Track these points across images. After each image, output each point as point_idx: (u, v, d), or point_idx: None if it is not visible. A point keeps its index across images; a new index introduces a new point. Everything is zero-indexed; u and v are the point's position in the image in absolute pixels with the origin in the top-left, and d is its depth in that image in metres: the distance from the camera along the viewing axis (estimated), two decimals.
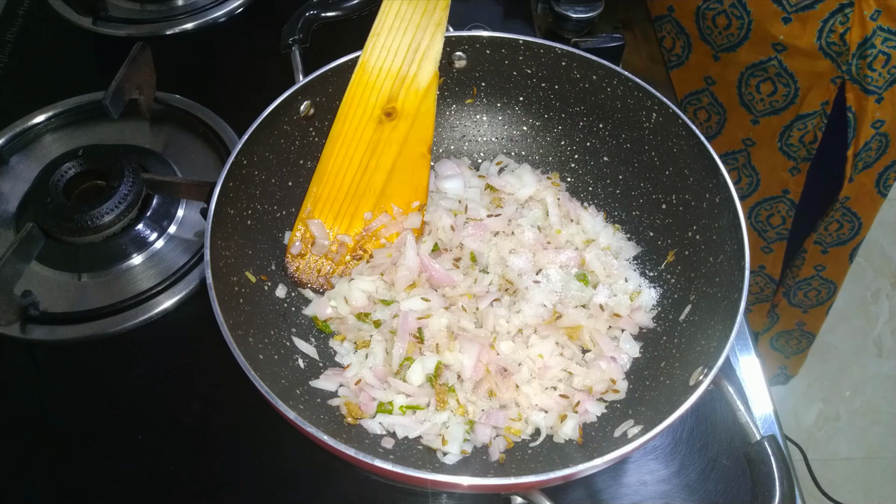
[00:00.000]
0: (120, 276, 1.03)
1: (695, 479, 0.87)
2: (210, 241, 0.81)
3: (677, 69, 1.47)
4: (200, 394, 0.95)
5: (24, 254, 0.95)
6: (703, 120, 1.50)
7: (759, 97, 1.36)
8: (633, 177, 1.01)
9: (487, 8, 1.36)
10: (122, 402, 0.95)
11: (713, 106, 1.46)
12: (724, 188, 0.86)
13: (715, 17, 1.32)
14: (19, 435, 0.93)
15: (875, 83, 1.24)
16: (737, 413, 0.71)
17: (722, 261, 0.86)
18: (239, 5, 1.33)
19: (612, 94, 0.97)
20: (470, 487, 0.72)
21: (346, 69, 0.97)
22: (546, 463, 0.81)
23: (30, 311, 0.97)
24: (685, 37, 1.41)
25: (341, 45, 0.97)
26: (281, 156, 0.96)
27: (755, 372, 0.97)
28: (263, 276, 0.92)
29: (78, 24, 1.30)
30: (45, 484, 0.89)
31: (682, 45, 1.43)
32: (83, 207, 1.02)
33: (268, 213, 0.96)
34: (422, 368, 0.86)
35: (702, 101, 1.47)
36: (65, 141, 1.17)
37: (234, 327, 0.77)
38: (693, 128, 0.89)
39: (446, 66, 1.02)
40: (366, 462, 0.68)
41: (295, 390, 0.84)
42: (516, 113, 1.07)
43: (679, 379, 0.81)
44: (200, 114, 1.17)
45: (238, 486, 0.88)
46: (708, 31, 1.36)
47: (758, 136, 1.43)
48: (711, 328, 0.83)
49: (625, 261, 0.99)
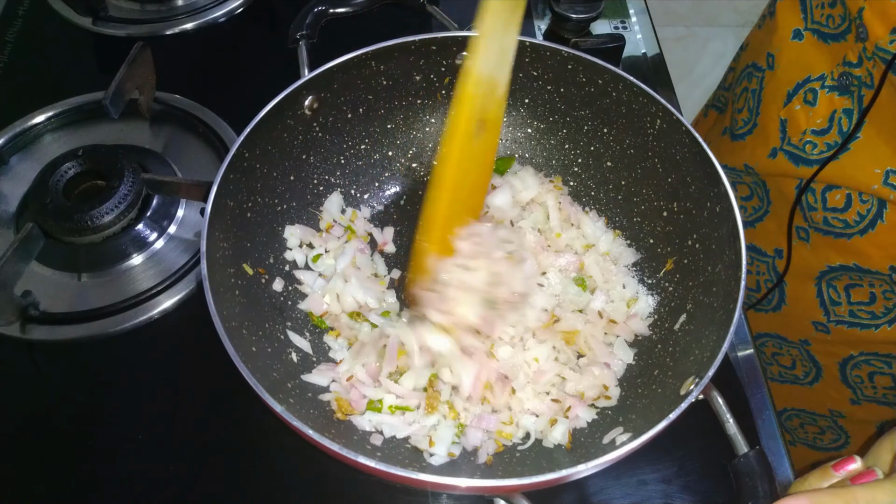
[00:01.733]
0: (120, 276, 1.03)
1: (695, 479, 0.87)
2: (207, 231, 0.81)
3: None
4: (201, 393, 0.95)
5: (24, 254, 0.95)
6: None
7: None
8: (636, 183, 1.00)
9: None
10: (122, 402, 0.96)
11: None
12: (724, 198, 0.85)
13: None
14: (19, 435, 0.93)
15: None
16: (725, 425, 0.70)
17: (720, 270, 0.86)
18: (239, 5, 1.34)
19: (617, 98, 0.96)
20: (466, 489, 0.72)
21: (352, 66, 0.97)
22: (533, 467, 0.81)
23: (30, 311, 0.97)
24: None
25: (348, 42, 0.97)
26: (284, 150, 0.96)
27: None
28: (261, 268, 0.93)
29: (78, 24, 1.31)
30: (44, 484, 0.89)
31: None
32: (83, 207, 1.02)
33: (268, 207, 0.96)
34: (414, 379, 0.86)
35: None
36: (65, 141, 1.17)
37: (228, 318, 0.78)
38: (696, 135, 0.88)
39: (452, 66, 1.02)
40: (350, 458, 0.68)
41: (286, 384, 0.84)
42: (521, 115, 1.06)
43: (670, 387, 0.81)
44: (200, 114, 1.17)
45: (239, 486, 0.89)
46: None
47: None
48: (706, 338, 0.82)
49: (623, 267, 0.98)
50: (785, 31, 1.11)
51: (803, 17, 1.09)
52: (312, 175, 1.01)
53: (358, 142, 1.04)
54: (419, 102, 1.05)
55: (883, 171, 0.98)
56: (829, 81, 1.04)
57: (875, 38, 0.93)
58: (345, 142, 1.03)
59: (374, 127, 1.04)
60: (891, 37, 0.91)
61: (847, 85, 1.00)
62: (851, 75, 0.99)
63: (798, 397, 1.33)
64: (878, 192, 0.99)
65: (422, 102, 1.05)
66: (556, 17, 1.25)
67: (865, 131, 0.99)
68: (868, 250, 1.05)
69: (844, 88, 1.01)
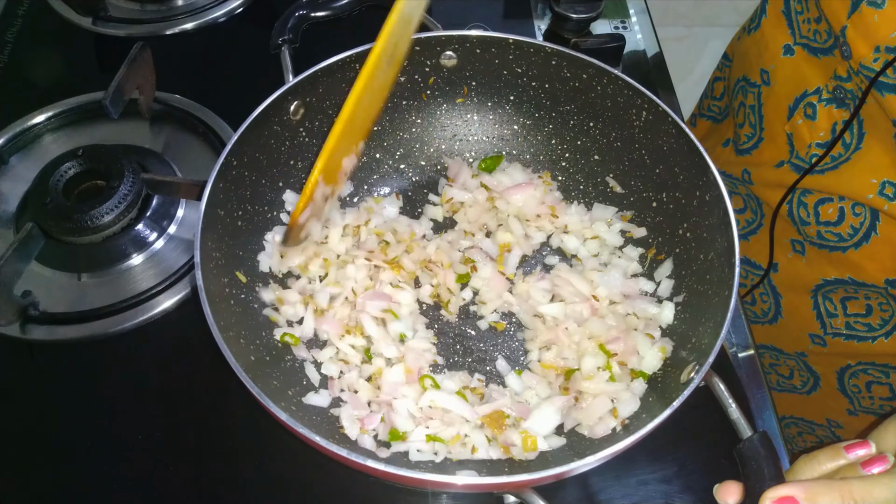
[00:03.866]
0: (120, 276, 1.03)
1: (695, 480, 0.87)
2: (200, 243, 0.81)
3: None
4: (200, 393, 0.95)
5: (23, 254, 0.95)
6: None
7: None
8: (624, 175, 1.01)
9: (487, 7, 1.36)
10: (122, 402, 0.95)
11: None
12: (713, 186, 0.86)
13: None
14: (19, 435, 0.93)
15: None
16: (728, 409, 0.71)
17: (713, 258, 0.86)
18: (239, 5, 1.33)
19: (602, 92, 0.97)
20: (463, 487, 0.72)
21: (336, 69, 0.96)
22: (539, 462, 0.82)
23: (30, 311, 0.97)
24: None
25: (331, 45, 0.97)
26: (272, 157, 0.96)
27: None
28: (254, 276, 0.92)
29: (78, 24, 1.30)
30: (44, 484, 0.89)
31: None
32: (83, 207, 1.01)
33: (258, 214, 0.95)
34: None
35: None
36: (64, 141, 1.17)
37: (225, 328, 0.77)
38: (683, 125, 0.89)
39: (437, 65, 1.02)
40: (358, 463, 0.68)
41: (287, 391, 0.84)
42: (507, 112, 1.07)
43: (670, 376, 0.82)
44: (200, 114, 1.17)
45: (239, 486, 0.88)
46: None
47: None
48: (703, 325, 0.83)
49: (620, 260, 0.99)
50: (775, 47, 1.11)
51: (790, 32, 1.09)
52: (301, 181, 1.01)
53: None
54: (404, 104, 1.05)
55: (879, 182, 0.97)
56: (825, 95, 1.03)
57: (859, 56, 0.92)
58: None
59: None
60: (874, 55, 0.90)
61: (842, 98, 1.00)
62: (843, 89, 0.99)
63: (796, 406, 1.34)
64: (873, 202, 0.99)
65: (407, 104, 1.05)
66: (556, 17, 1.26)
67: (867, 142, 0.99)
68: (862, 263, 1.05)
69: (840, 101, 1.01)
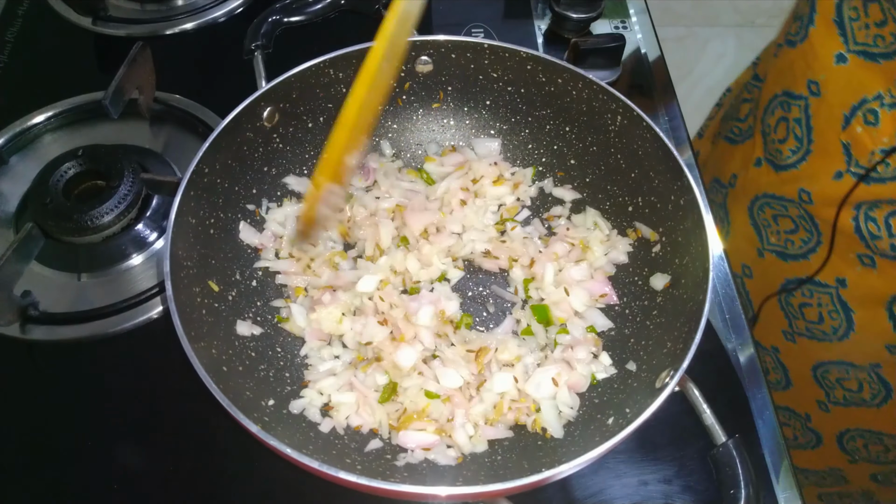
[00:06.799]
0: (120, 276, 1.02)
1: (695, 480, 0.87)
2: (171, 251, 0.80)
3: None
4: (200, 393, 0.93)
5: (23, 254, 0.94)
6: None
7: None
8: (600, 179, 1.01)
9: (487, 7, 1.35)
10: (122, 403, 0.94)
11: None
12: (688, 190, 0.86)
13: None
14: (19, 435, 0.92)
15: None
16: (702, 415, 0.71)
17: (687, 262, 0.86)
18: (239, 5, 1.33)
19: (577, 97, 0.97)
20: (447, 497, 0.71)
21: (310, 74, 0.95)
22: (515, 469, 0.81)
23: (29, 312, 0.96)
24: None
25: (305, 50, 0.96)
26: (244, 163, 0.95)
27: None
28: (226, 285, 0.91)
29: (78, 23, 1.29)
30: (44, 484, 0.88)
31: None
32: (83, 207, 1.01)
33: (231, 222, 0.94)
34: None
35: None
36: (64, 141, 1.16)
37: (196, 339, 0.76)
38: (657, 130, 0.89)
39: (412, 70, 1.01)
40: (330, 475, 0.67)
41: (260, 402, 0.83)
42: (483, 117, 1.06)
43: (645, 381, 0.82)
44: (200, 114, 1.17)
45: (239, 485, 0.88)
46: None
47: None
48: (678, 330, 0.83)
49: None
50: (826, 57, 1.11)
51: (843, 40, 1.08)
52: (275, 186, 1.00)
53: (320, 151, 1.03)
54: (380, 109, 1.04)
55: None
56: (887, 100, 1.02)
57: None
58: (307, 151, 1.02)
59: None
60: None
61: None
62: None
63: (864, 419, 1.34)
64: None
65: (382, 108, 1.04)
66: (556, 16, 1.25)
67: None
68: None
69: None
